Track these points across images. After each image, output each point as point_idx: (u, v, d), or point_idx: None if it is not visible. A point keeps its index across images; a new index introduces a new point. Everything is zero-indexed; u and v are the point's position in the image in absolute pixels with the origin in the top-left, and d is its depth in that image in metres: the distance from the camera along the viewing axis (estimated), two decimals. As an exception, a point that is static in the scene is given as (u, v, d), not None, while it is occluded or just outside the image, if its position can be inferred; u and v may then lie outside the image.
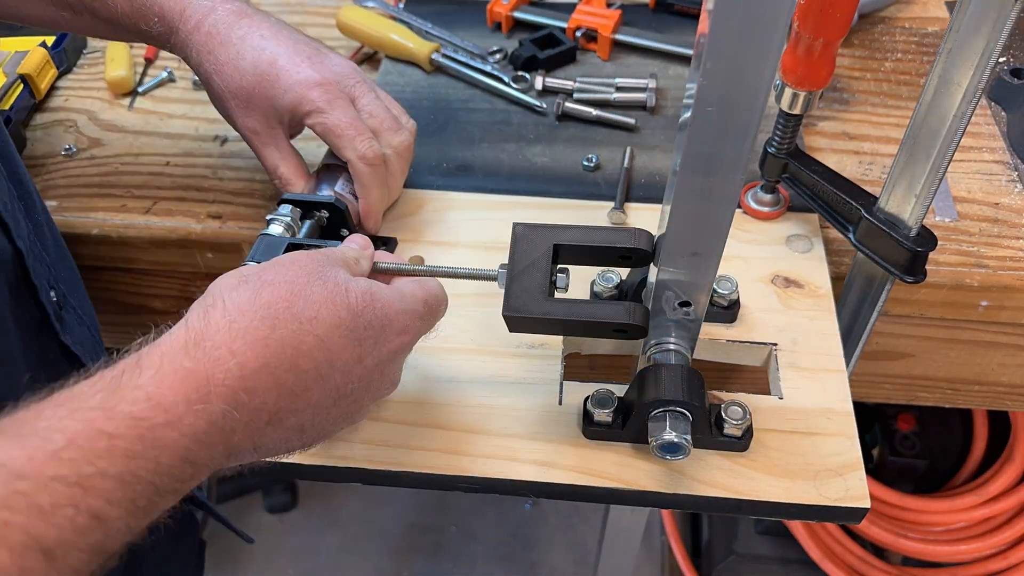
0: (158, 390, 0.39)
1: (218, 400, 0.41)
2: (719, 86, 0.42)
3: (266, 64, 0.65)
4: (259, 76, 0.65)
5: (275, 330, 0.44)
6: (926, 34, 0.95)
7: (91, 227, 0.78)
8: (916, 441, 1.31)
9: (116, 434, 0.37)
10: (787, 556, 1.36)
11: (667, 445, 0.54)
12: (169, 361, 0.41)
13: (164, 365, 0.41)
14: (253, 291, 0.45)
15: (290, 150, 0.70)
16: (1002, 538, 1.24)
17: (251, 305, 0.44)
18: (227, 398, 0.41)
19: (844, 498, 0.56)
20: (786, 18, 0.39)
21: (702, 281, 0.54)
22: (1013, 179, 0.79)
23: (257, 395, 0.43)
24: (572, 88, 0.87)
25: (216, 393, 0.41)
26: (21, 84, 0.87)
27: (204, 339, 0.42)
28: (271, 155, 0.69)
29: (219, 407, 0.41)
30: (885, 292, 0.66)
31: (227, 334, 0.42)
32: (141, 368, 0.40)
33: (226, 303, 0.44)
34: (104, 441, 0.37)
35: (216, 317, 0.43)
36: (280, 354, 0.43)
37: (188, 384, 0.40)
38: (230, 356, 0.42)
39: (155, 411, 0.39)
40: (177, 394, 0.40)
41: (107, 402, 0.38)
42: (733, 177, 0.46)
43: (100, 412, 0.38)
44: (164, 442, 0.39)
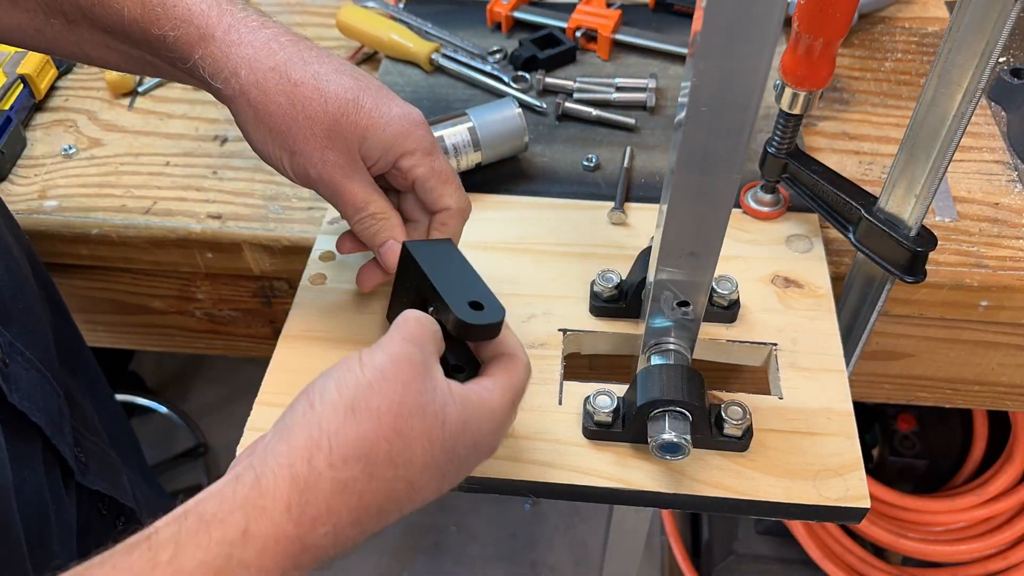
0: (260, 571, 0.40)
1: (309, 563, 0.42)
2: (713, 85, 0.42)
3: (358, 90, 0.57)
4: (349, 103, 0.56)
5: (372, 480, 0.43)
6: (926, 34, 0.95)
7: (91, 227, 0.78)
8: (916, 441, 1.31)
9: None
10: (787, 556, 1.36)
11: (667, 445, 0.54)
12: (274, 531, 0.40)
13: (270, 538, 0.40)
14: (359, 428, 0.43)
15: (376, 185, 0.60)
16: (1002, 538, 1.24)
17: (355, 450, 0.43)
18: (317, 558, 0.42)
19: (844, 498, 0.56)
20: (779, 17, 0.39)
21: (700, 281, 0.54)
22: (1013, 179, 0.79)
23: (340, 547, 0.43)
24: (572, 88, 0.87)
25: (310, 558, 0.42)
26: (21, 84, 0.87)
27: (307, 494, 0.42)
28: (358, 190, 0.58)
29: (308, 568, 0.42)
30: (885, 292, 0.66)
31: (330, 489, 0.42)
32: (247, 540, 0.40)
33: (332, 447, 0.43)
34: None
35: (321, 466, 0.42)
36: (371, 506, 0.43)
37: (287, 555, 0.41)
38: (328, 516, 0.42)
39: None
40: (276, 570, 0.40)
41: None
42: (729, 176, 0.46)
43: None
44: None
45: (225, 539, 0.40)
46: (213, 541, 0.39)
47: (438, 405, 0.45)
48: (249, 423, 0.60)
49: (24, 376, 0.60)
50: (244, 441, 0.59)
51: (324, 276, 0.70)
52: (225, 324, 0.88)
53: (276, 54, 0.56)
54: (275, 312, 0.85)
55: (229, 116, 0.86)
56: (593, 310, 0.66)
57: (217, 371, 1.91)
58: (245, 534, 0.40)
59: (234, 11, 0.57)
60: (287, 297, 0.82)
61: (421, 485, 0.45)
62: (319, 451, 0.42)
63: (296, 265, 0.74)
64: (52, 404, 0.62)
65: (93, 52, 0.60)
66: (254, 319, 0.87)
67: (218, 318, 0.87)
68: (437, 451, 0.45)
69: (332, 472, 0.42)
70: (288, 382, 0.62)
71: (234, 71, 0.56)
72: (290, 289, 0.81)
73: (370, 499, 0.43)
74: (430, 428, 0.45)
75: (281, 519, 0.41)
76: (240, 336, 0.89)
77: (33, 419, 0.58)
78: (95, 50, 0.60)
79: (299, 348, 0.64)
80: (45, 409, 0.61)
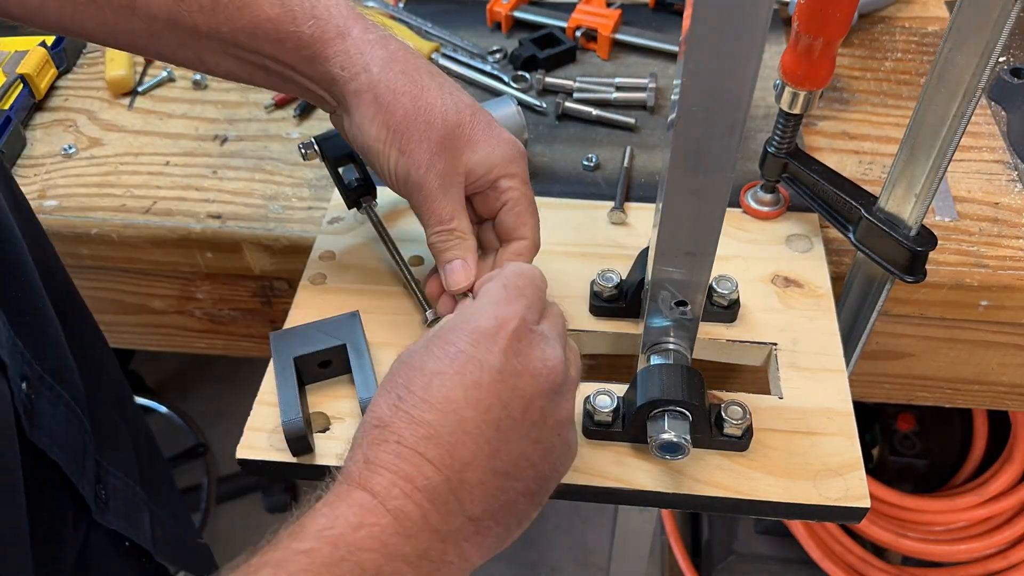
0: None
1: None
2: (703, 84, 0.42)
3: (475, 110, 0.60)
4: (467, 119, 0.59)
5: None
6: (926, 34, 0.95)
7: (91, 227, 0.78)
8: (916, 441, 1.31)
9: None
10: (787, 556, 1.36)
11: (667, 445, 0.54)
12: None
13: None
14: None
15: (465, 206, 0.61)
16: (1002, 538, 1.24)
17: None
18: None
19: (844, 498, 0.56)
20: (767, 16, 0.39)
21: (698, 280, 0.54)
22: (1013, 179, 0.79)
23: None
24: (572, 88, 0.87)
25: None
26: (21, 84, 0.87)
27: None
28: (448, 204, 0.59)
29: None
30: (885, 292, 0.66)
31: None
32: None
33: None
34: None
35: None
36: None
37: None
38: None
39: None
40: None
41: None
42: (723, 175, 0.46)
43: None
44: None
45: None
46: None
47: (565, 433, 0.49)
48: (249, 423, 0.60)
49: (49, 411, 0.59)
50: (244, 441, 0.59)
51: (324, 276, 0.70)
52: (225, 324, 0.88)
53: (407, 60, 0.59)
54: (275, 312, 0.85)
55: (230, 116, 0.87)
56: (593, 310, 0.66)
57: (217, 371, 1.91)
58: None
59: (366, 18, 0.60)
60: (287, 297, 0.82)
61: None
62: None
63: (296, 265, 0.74)
64: (76, 440, 0.61)
65: (208, 57, 0.60)
66: (254, 319, 0.87)
67: (218, 318, 0.87)
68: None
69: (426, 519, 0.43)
70: (288, 382, 0.62)
71: (366, 67, 0.58)
72: (290, 289, 0.81)
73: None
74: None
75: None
76: (240, 336, 0.89)
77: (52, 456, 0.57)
78: (211, 56, 0.60)
79: (299, 348, 0.64)
80: (68, 446, 0.60)
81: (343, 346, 0.61)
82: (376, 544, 0.41)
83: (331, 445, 0.59)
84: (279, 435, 0.58)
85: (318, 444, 0.59)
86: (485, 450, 0.44)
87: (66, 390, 0.61)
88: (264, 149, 0.84)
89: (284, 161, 0.83)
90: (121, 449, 0.71)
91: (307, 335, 0.62)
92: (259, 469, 0.59)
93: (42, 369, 0.58)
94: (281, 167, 0.82)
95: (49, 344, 0.61)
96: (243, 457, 0.58)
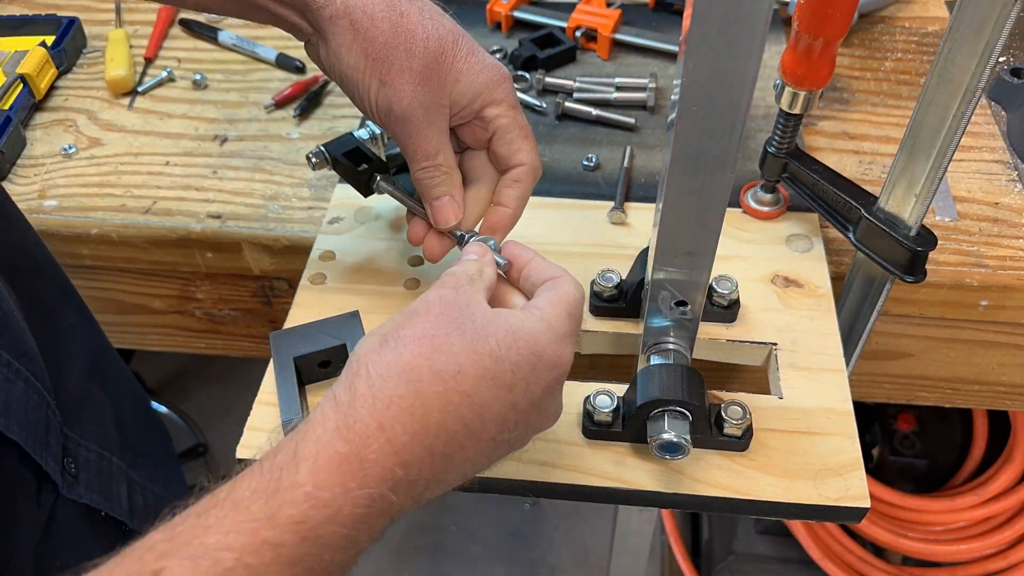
0: (316, 487, 0.39)
1: (375, 482, 0.41)
2: (703, 85, 0.42)
3: (458, 35, 0.58)
4: (449, 44, 0.57)
5: (419, 395, 0.42)
6: (926, 34, 0.95)
7: (91, 227, 0.78)
8: (916, 441, 1.31)
9: (280, 543, 0.38)
10: (787, 556, 1.36)
11: (667, 445, 0.54)
12: (324, 448, 0.40)
13: (320, 455, 0.40)
14: (394, 352, 0.44)
15: (449, 138, 0.60)
16: (1002, 537, 1.24)
17: (393, 369, 0.43)
18: (383, 478, 0.41)
19: (844, 498, 0.56)
20: (767, 16, 0.39)
21: (698, 280, 0.54)
22: (1013, 179, 0.79)
23: (412, 468, 0.42)
24: (572, 88, 0.87)
25: (371, 475, 0.41)
26: (21, 84, 0.87)
27: (353, 415, 0.42)
28: (434, 136, 0.58)
29: (377, 490, 0.41)
30: (885, 292, 0.66)
31: (372, 405, 0.42)
32: (298, 462, 0.40)
33: (369, 370, 0.43)
34: (270, 552, 0.38)
35: (361, 387, 0.42)
36: (427, 420, 0.42)
37: (344, 471, 0.40)
38: (379, 432, 0.41)
39: (315, 509, 0.39)
40: (335, 486, 0.40)
41: (268, 508, 0.39)
42: (722, 175, 0.46)
43: (263, 521, 0.38)
44: (327, 539, 0.39)
45: (275, 465, 0.40)
46: (264, 470, 0.40)
47: (478, 323, 0.45)
48: (249, 423, 0.60)
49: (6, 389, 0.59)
50: (244, 441, 0.59)
51: (324, 276, 0.70)
52: (225, 324, 0.88)
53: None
54: (275, 312, 0.85)
55: (229, 116, 0.87)
56: (593, 309, 0.66)
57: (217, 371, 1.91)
58: (295, 457, 0.40)
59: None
60: (287, 297, 0.82)
61: (483, 399, 0.44)
62: (358, 377, 0.43)
63: (296, 265, 0.74)
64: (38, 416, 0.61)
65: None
66: (254, 319, 0.87)
67: (218, 318, 0.87)
68: (487, 361, 0.44)
69: (372, 391, 0.42)
70: (288, 382, 0.62)
71: (351, 6, 0.55)
72: (290, 289, 0.81)
73: (422, 413, 0.42)
74: (472, 341, 0.44)
75: (329, 438, 0.41)
76: (240, 336, 0.89)
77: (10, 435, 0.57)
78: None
79: (299, 348, 0.64)
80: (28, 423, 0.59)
81: (343, 346, 0.61)
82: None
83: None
84: (279, 435, 0.58)
85: None
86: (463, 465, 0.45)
87: (25, 365, 0.60)
88: (264, 149, 0.84)
89: (284, 161, 0.83)
90: (97, 421, 0.71)
91: (307, 335, 0.62)
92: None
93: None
94: (281, 167, 0.82)
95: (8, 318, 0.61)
96: (243, 457, 0.58)
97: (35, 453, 0.59)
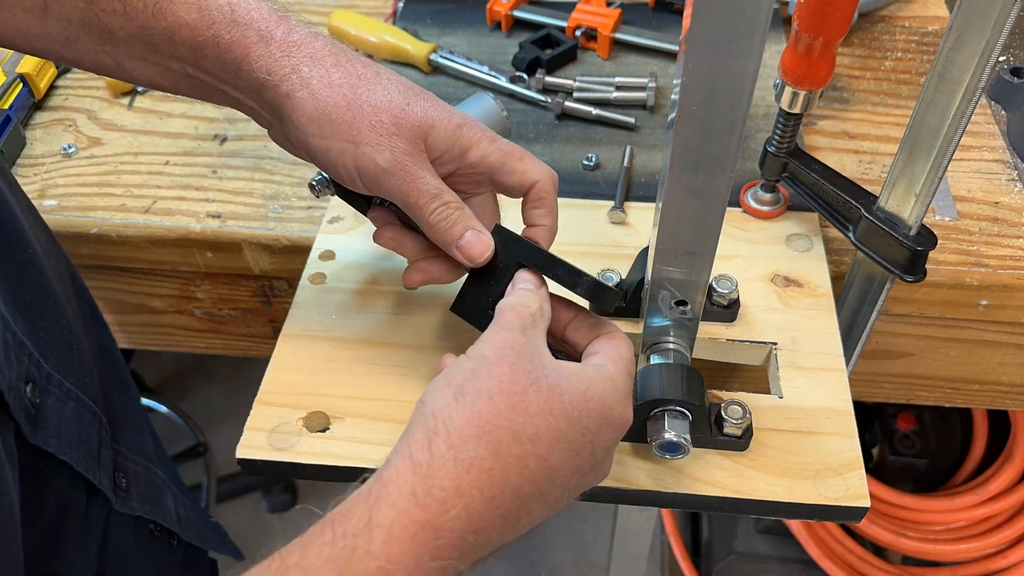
0: (390, 560, 0.39)
1: (447, 551, 0.40)
2: (703, 84, 0.42)
3: (417, 88, 0.57)
4: (413, 96, 0.55)
5: (499, 458, 0.42)
6: (926, 33, 0.95)
7: (90, 227, 0.78)
8: (916, 440, 1.31)
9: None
10: (787, 555, 1.36)
11: (666, 444, 0.54)
12: (400, 516, 0.40)
13: (395, 524, 0.40)
14: (471, 409, 0.43)
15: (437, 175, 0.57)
16: (1002, 537, 1.24)
17: (473, 429, 0.42)
18: (455, 546, 0.41)
19: (844, 497, 0.56)
20: (767, 16, 0.39)
21: (697, 280, 0.54)
22: (1013, 178, 0.79)
23: (482, 534, 0.42)
24: (572, 87, 0.87)
25: (445, 544, 0.40)
26: (20, 83, 0.87)
27: (431, 477, 0.41)
28: (429, 178, 0.55)
29: (448, 560, 0.40)
30: (885, 291, 0.66)
31: (453, 469, 0.41)
32: (372, 530, 0.39)
33: (448, 428, 0.42)
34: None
35: (440, 447, 0.42)
36: (504, 485, 0.42)
37: (419, 542, 0.40)
38: (457, 497, 0.41)
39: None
40: (408, 558, 0.39)
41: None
42: (722, 175, 0.46)
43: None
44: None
45: (348, 532, 0.39)
46: (337, 536, 0.39)
47: (551, 379, 0.45)
48: (249, 422, 0.60)
49: (57, 410, 0.58)
50: (244, 441, 0.59)
51: (324, 275, 0.70)
52: (225, 324, 0.88)
53: (337, 54, 0.55)
54: (275, 311, 0.85)
55: (229, 115, 0.87)
56: (593, 309, 0.66)
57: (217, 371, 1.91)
58: (369, 524, 0.39)
59: (290, 19, 0.56)
60: (287, 296, 0.82)
61: (556, 463, 0.44)
62: (436, 436, 0.42)
63: (296, 264, 0.74)
64: (90, 434, 0.61)
65: (127, 63, 0.57)
66: (254, 319, 0.87)
67: (218, 317, 0.87)
68: (562, 423, 0.44)
69: (453, 452, 0.41)
70: (288, 381, 0.62)
71: (295, 67, 0.54)
72: (290, 288, 0.81)
73: (501, 477, 0.42)
74: (548, 400, 0.44)
75: (406, 504, 0.40)
76: (240, 336, 0.89)
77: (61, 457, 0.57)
78: (129, 61, 0.57)
79: (299, 347, 0.64)
80: (80, 441, 0.59)
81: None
82: None
83: (330, 445, 0.59)
84: (279, 434, 0.58)
85: (317, 444, 0.59)
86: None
87: (76, 383, 0.60)
88: (264, 149, 0.84)
89: (284, 160, 0.83)
90: (135, 431, 0.71)
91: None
92: (259, 469, 0.59)
93: (50, 366, 0.58)
94: (281, 166, 0.82)
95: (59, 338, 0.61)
96: (243, 457, 0.58)
97: (87, 472, 0.59)
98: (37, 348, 0.56)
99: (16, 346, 0.54)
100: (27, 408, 0.54)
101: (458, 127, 0.56)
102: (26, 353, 0.55)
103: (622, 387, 0.49)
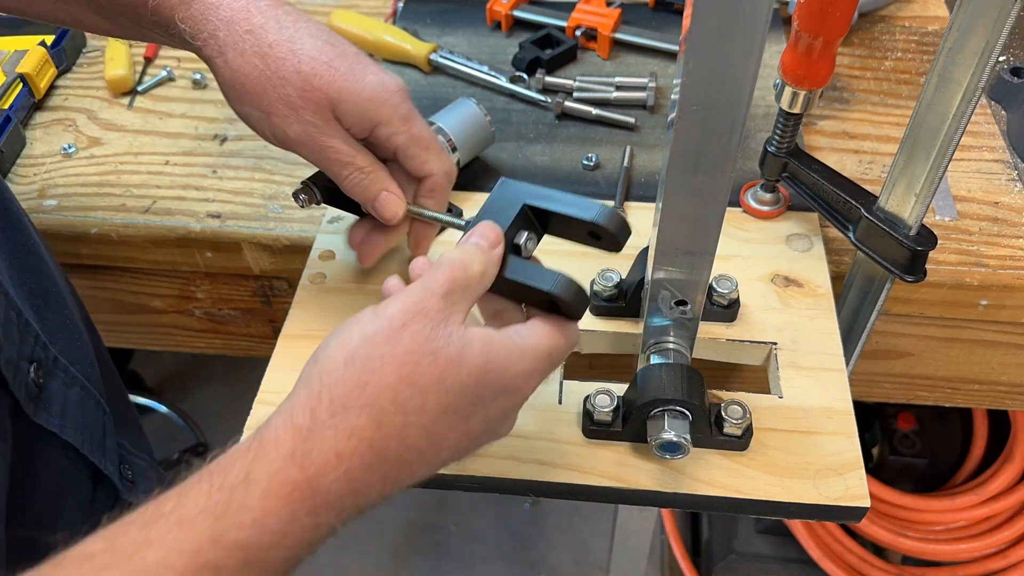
0: (265, 514, 0.39)
1: (324, 510, 0.41)
2: (703, 84, 0.42)
3: (333, 55, 0.57)
4: (322, 65, 0.56)
5: (380, 427, 0.42)
6: (926, 33, 0.95)
7: (90, 227, 0.78)
8: (916, 440, 1.31)
9: (221, 565, 0.38)
10: (787, 555, 1.36)
11: (667, 444, 0.54)
12: (277, 474, 0.40)
13: (272, 481, 0.40)
14: (358, 379, 0.43)
15: (358, 143, 0.59)
16: (1002, 537, 1.24)
17: (356, 399, 0.42)
18: (332, 506, 0.41)
19: (844, 497, 0.56)
20: (767, 16, 0.39)
21: (697, 280, 0.54)
22: (1013, 178, 0.79)
23: (362, 495, 0.42)
24: (572, 87, 0.87)
25: (322, 503, 0.41)
26: (20, 83, 0.87)
27: (311, 442, 0.41)
28: (340, 145, 0.57)
29: (325, 518, 0.41)
30: (885, 291, 0.66)
31: (333, 436, 0.41)
32: (249, 485, 0.40)
33: (332, 396, 0.42)
34: (210, 574, 0.38)
35: (322, 415, 0.42)
36: (385, 452, 0.42)
37: (295, 499, 0.40)
38: (337, 462, 0.41)
39: (261, 536, 0.39)
40: (283, 513, 0.40)
41: (214, 530, 0.38)
42: (722, 175, 0.46)
43: (207, 543, 0.38)
44: (269, 562, 0.39)
45: (226, 485, 0.39)
46: (215, 487, 0.39)
47: (453, 349, 0.44)
48: (249, 422, 0.60)
49: (63, 392, 0.59)
50: (244, 440, 0.59)
51: (324, 275, 0.70)
52: (225, 323, 0.88)
53: (253, 17, 0.57)
54: (275, 311, 0.85)
55: (229, 115, 0.87)
56: (593, 309, 0.66)
57: (217, 371, 1.91)
58: (247, 479, 0.40)
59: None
60: (287, 296, 0.82)
61: (442, 431, 0.44)
62: (320, 401, 0.42)
63: (296, 264, 0.74)
64: (96, 421, 0.61)
65: (85, 19, 0.61)
66: (254, 318, 0.87)
67: (218, 317, 0.87)
68: (453, 396, 0.43)
69: (335, 420, 0.42)
70: (288, 381, 0.61)
71: (212, 33, 0.56)
72: (290, 288, 0.81)
73: (381, 445, 0.42)
74: (443, 372, 0.43)
75: (284, 463, 0.40)
76: (240, 335, 0.89)
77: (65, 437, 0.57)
78: (86, 17, 0.61)
79: (299, 347, 0.64)
80: (85, 426, 0.60)
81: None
82: None
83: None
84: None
85: None
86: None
87: (80, 372, 0.61)
88: (263, 148, 0.84)
89: (284, 160, 0.83)
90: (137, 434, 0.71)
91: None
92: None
93: (56, 351, 0.58)
94: (281, 166, 0.82)
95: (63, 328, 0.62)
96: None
97: (93, 456, 0.59)
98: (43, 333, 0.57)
99: (22, 326, 0.54)
100: (28, 386, 0.54)
101: (368, 101, 0.57)
102: (32, 334, 0.56)
103: (532, 360, 0.46)
